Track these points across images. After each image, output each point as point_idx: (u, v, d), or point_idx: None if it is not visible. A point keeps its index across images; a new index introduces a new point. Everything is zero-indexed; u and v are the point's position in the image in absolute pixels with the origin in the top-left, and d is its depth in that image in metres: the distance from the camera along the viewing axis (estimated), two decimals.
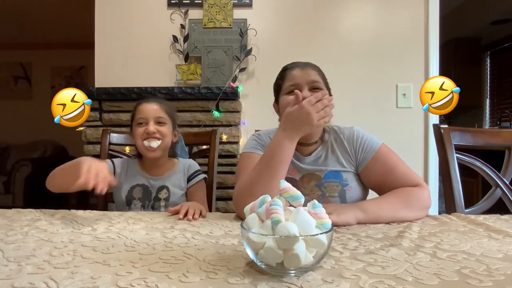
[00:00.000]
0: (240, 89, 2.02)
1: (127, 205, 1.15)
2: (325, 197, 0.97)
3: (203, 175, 1.24)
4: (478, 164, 1.15)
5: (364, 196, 1.02)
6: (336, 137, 1.04)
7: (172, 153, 1.27)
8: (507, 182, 1.13)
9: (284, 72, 1.04)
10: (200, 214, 0.91)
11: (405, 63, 2.13)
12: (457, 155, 1.15)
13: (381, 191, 0.97)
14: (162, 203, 1.15)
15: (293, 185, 0.87)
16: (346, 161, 1.00)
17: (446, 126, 1.18)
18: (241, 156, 1.07)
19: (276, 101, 1.08)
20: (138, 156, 1.23)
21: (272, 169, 0.85)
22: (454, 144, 1.15)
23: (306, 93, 0.93)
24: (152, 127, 1.14)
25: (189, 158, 1.38)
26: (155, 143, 1.14)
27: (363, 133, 1.04)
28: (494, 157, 1.32)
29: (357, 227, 0.74)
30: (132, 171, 1.20)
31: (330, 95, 0.99)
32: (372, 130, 1.20)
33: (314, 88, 0.97)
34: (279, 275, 0.46)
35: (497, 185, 1.12)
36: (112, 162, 1.20)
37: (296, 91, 0.89)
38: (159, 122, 1.16)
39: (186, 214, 0.87)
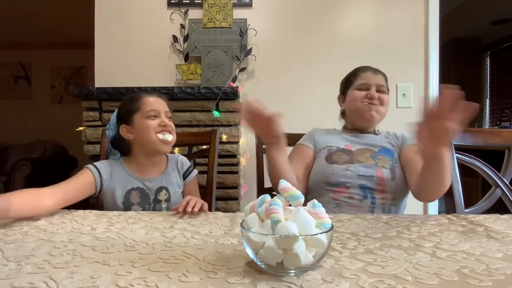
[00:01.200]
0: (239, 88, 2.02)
1: (126, 211, 1.11)
2: (378, 166, 1.11)
3: (196, 170, 1.23)
4: (478, 164, 1.15)
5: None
6: (389, 132, 1.27)
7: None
8: (507, 182, 1.13)
9: (357, 71, 1.24)
10: (202, 208, 0.90)
11: (405, 63, 2.13)
12: (457, 155, 1.15)
13: (410, 175, 1.09)
14: (164, 205, 1.11)
15: (349, 154, 1.17)
16: (395, 143, 1.21)
17: None
18: (295, 146, 1.27)
19: (342, 93, 1.30)
20: (124, 154, 1.16)
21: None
22: (454, 144, 1.15)
23: (374, 92, 1.17)
24: (166, 120, 1.11)
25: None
26: (170, 136, 1.10)
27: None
28: (494, 157, 1.32)
29: (356, 226, 0.74)
30: (119, 174, 1.10)
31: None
32: None
33: (379, 91, 1.19)
34: (279, 275, 0.46)
35: (497, 185, 1.12)
36: (96, 167, 1.07)
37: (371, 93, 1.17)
38: (168, 117, 1.14)
39: (186, 208, 0.86)
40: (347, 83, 1.26)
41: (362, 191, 1.07)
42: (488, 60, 4.39)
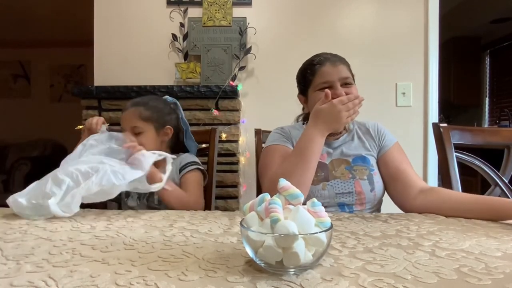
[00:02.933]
0: (239, 88, 2.02)
1: (125, 197, 1.19)
2: (356, 179, 1.02)
3: (195, 166, 1.21)
4: (477, 163, 1.15)
5: (383, 186, 1.06)
6: (360, 126, 1.14)
7: (178, 149, 1.28)
8: (506, 181, 1.13)
9: (314, 67, 1.05)
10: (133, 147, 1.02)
11: (404, 62, 2.13)
12: (457, 154, 1.15)
13: (389, 184, 1.04)
14: (156, 196, 1.15)
15: (323, 169, 0.98)
16: (371, 145, 1.09)
17: (446, 125, 1.18)
18: (266, 149, 1.09)
19: (302, 93, 1.12)
20: None
21: (305, 161, 0.90)
22: (453, 143, 1.15)
23: (340, 91, 0.98)
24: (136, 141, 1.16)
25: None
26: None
27: (383, 126, 1.16)
28: (493, 156, 1.32)
29: (355, 225, 0.74)
30: None
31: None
32: None
33: (345, 84, 1.01)
34: (278, 274, 0.46)
35: (496, 184, 1.12)
36: None
37: (326, 91, 0.92)
38: (135, 133, 1.15)
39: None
40: (305, 81, 1.08)
41: (340, 208, 1.00)
42: (488, 59, 4.39)
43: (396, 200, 1.03)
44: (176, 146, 1.31)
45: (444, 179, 1.14)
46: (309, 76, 1.06)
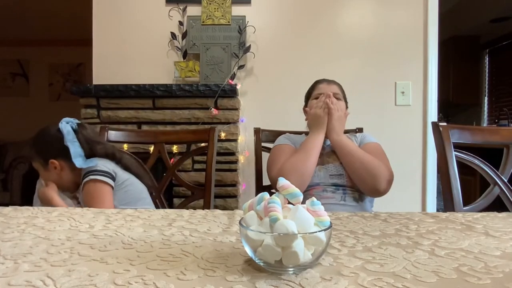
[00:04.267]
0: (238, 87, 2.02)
1: None
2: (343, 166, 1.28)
3: (87, 178, 1.15)
4: (476, 162, 1.15)
5: None
6: (349, 136, 1.40)
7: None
8: (505, 180, 1.13)
9: (315, 84, 1.44)
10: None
11: (404, 61, 2.13)
12: (456, 153, 1.15)
13: None
14: None
15: (320, 157, 1.30)
16: (354, 141, 1.36)
17: (445, 124, 1.18)
18: (274, 149, 1.38)
19: (306, 104, 1.46)
20: None
21: (307, 152, 1.24)
22: (452, 142, 1.15)
23: (325, 98, 1.31)
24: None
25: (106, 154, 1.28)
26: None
27: (369, 134, 1.46)
28: (492, 155, 1.32)
29: (354, 224, 0.74)
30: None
31: (347, 107, 1.40)
32: (371, 127, 1.22)
33: (334, 97, 1.32)
34: (277, 273, 0.46)
35: (495, 183, 1.12)
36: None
37: (318, 100, 1.36)
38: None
39: None
40: (308, 96, 1.45)
41: (335, 188, 1.25)
42: (487, 58, 4.40)
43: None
44: (88, 157, 1.24)
45: (443, 178, 1.14)
46: (310, 90, 1.44)
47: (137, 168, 1.29)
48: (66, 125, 1.24)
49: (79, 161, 1.20)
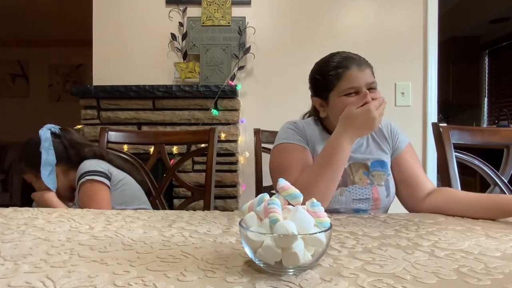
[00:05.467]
0: (238, 87, 2.02)
1: None
2: (373, 185, 0.99)
3: (83, 179, 1.14)
4: (476, 162, 1.15)
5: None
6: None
7: (78, 163, 1.23)
8: (506, 181, 1.13)
9: (339, 70, 0.94)
10: None
11: (403, 62, 2.13)
12: (456, 153, 1.15)
13: (399, 187, 1.02)
14: None
15: (343, 177, 0.94)
16: (385, 147, 1.04)
17: (445, 124, 1.18)
18: (280, 147, 0.99)
19: (320, 96, 1.00)
20: None
21: (332, 171, 0.86)
22: (453, 143, 1.15)
23: (369, 98, 0.89)
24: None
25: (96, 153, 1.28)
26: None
27: (396, 125, 1.09)
28: (492, 156, 1.32)
29: (354, 225, 0.74)
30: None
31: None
32: None
33: (370, 89, 0.93)
34: (277, 274, 0.46)
35: (496, 184, 1.12)
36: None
37: (366, 93, 0.88)
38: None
39: None
40: (326, 85, 0.97)
41: (355, 213, 0.96)
42: (487, 59, 4.40)
43: (404, 202, 1.02)
44: (77, 160, 1.24)
45: (444, 179, 1.14)
46: (333, 80, 0.95)
47: (128, 166, 1.30)
48: (46, 131, 1.23)
49: (46, 170, 1.19)
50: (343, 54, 0.99)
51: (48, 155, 1.20)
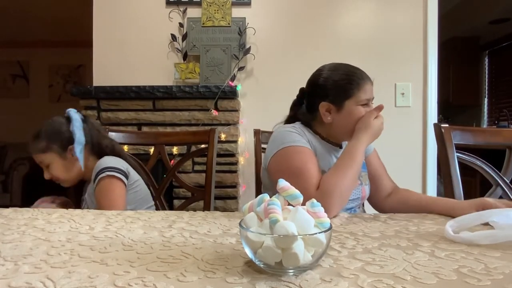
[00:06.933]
0: (238, 88, 2.02)
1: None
2: (362, 185, 1.07)
3: (103, 174, 1.12)
4: (478, 163, 1.15)
5: None
6: None
7: (97, 152, 1.22)
8: (508, 181, 1.13)
9: (360, 81, 1.02)
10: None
11: (403, 62, 2.14)
12: (458, 154, 1.15)
13: (378, 184, 1.14)
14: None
15: None
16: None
17: (447, 125, 1.18)
18: (289, 150, 0.98)
19: (333, 101, 1.02)
20: None
21: (355, 172, 0.92)
22: (454, 143, 1.15)
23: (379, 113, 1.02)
24: (46, 175, 1.19)
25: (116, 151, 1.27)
26: (62, 185, 1.20)
27: None
28: (492, 156, 1.32)
29: (354, 225, 0.74)
30: None
31: None
32: None
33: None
34: (277, 274, 0.46)
35: (498, 184, 1.12)
36: None
37: (383, 107, 1.01)
38: (45, 165, 1.18)
39: None
40: (344, 92, 1.01)
41: (346, 212, 1.01)
42: (487, 59, 4.40)
43: (369, 200, 1.14)
44: (96, 150, 1.23)
45: (445, 180, 1.14)
46: (352, 89, 1.01)
47: (137, 168, 1.29)
48: (75, 113, 1.23)
49: (78, 148, 1.17)
50: (357, 68, 1.06)
51: (80, 134, 1.19)
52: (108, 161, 1.16)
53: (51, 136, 1.17)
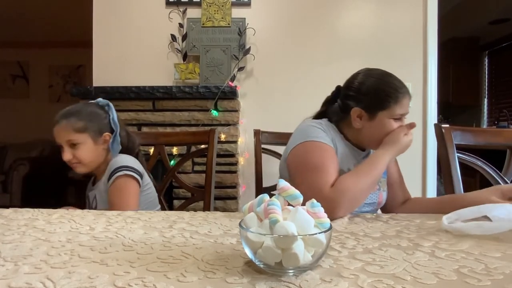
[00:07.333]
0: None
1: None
2: (380, 191, 1.06)
3: (120, 173, 1.11)
4: (479, 163, 1.15)
5: None
6: None
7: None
8: (508, 182, 1.13)
9: (398, 95, 0.99)
10: None
11: (403, 62, 2.14)
12: (459, 154, 1.15)
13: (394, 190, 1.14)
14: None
15: None
16: None
17: (448, 125, 1.18)
18: (311, 144, 0.97)
19: (367, 109, 1.00)
20: None
21: (372, 180, 0.92)
22: (455, 144, 1.15)
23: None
24: (67, 155, 1.11)
25: (134, 152, 1.27)
26: (77, 169, 1.13)
27: None
28: (492, 156, 1.32)
29: (355, 226, 0.74)
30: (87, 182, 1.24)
31: None
32: None
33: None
34: (277, 275, 0.46)
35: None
36: None
37: (415, 125, 0.99)
38: (72, 144, 1.12)
39: None
40: (380, 102, 0.99)
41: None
42: (487, 60, 4.40)
43: (383, 207, 1.13)
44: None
45: (446, 180, 1.14)
46: (390, 100, 0.98)
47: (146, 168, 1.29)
48: (111, 106, 1.23)
49: (117, 142, 1.19)
50: (402, 84, 1.03)
51: (115, 122, 1.20)
52: (125, 160, 1.16)
53: (92, 118, 1.16)
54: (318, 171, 0.91)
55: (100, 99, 1.23)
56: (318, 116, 1.15)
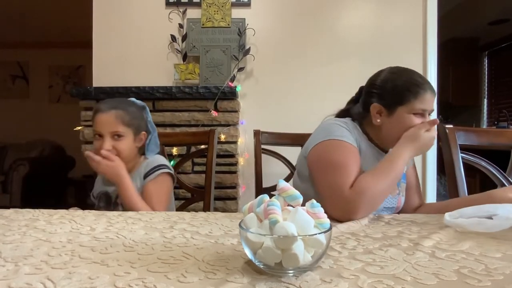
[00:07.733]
0: (238, 89, 2.02)
1: (98, 202, 1.20)
2: (399, 195, 1.04)
3: (162, 170, 1.15)
4: (483, 164, 1.15)
5: None
6: None
7: (141, 152, 1.23)
8: None
9: (419, 90, 0.96)
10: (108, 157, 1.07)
11: (403, 63, 2.11)
12: (462, 154, 1.15)
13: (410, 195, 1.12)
14: (120, 208, 1.12)
15: None
16: None
17: (451, 126, 1.18)
18: (335, 143, 0.95)
19: (386, 104, 0.98)
20: None
21: (392, 179, 0.89)
22: (459, 144, 1.15)
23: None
24: (107, 144, 1.09)
25: (161, 153, 1.31)
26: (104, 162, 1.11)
27: None
28: (493, 157, 1.32)
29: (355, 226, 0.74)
30: (98, 180, 1.23)
31: None
32: None
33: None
34: (277, 275, 0.46)
35: (503, 185, 1.12)
36: None
37: (437, 122, 0.95)
38: (116, 135, 1.11)
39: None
40: (400, 97, 0.97)
41: None
42: (486, 60, 4.40)
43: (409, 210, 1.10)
44: (141, 149, 1.25)
45: (450, 180, 1.14)
46: (408, 96, 0.96)
47: None
48: (147, 108, 1.25)
49: (156, 145, 1.24)
50: (424, 78, 1.00)
51: (152, 124, 1.24)
52: (164, 160, 1.22)
53: (136, 116, 1.17)
54: (340, 170, 0.89)
55: (134, 99, 1.23)
56: (341, 114, 1.13)
